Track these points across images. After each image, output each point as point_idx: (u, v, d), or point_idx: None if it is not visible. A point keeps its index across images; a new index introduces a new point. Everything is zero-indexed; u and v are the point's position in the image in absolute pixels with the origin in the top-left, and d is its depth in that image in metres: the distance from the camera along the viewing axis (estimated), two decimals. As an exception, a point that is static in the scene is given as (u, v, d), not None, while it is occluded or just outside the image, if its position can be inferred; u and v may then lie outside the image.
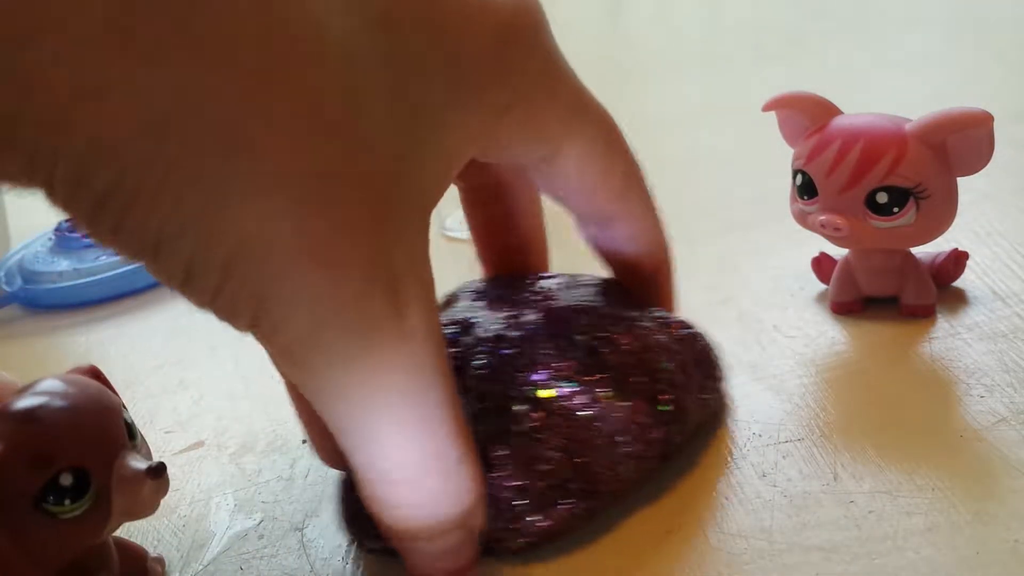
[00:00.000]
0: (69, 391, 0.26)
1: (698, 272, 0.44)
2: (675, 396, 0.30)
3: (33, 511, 0.24)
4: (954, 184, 0.33)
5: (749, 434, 0.31)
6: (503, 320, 0.31)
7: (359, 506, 0.27)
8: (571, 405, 0.28)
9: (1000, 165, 0.40)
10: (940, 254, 0.37)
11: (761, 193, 0.50)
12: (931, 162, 0.32)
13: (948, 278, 0.37)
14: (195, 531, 0.33)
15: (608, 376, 0.29)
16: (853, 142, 0.33)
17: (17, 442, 0.24)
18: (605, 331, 0.30)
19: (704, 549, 0.27)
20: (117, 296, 0.56)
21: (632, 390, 0.29)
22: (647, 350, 0.30)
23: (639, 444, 0.28)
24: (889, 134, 0.32)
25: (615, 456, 0.28)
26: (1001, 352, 0.33)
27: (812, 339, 0.36)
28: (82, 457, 0.25)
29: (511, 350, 0.29)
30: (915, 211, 0.33)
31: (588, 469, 0.28)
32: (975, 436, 0.29)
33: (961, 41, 0.71)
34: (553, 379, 0.29)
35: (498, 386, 0.28)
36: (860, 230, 0.33)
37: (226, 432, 0.39)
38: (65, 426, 0.25)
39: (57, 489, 0.24)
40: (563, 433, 0.28)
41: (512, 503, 0.27)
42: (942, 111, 0.32)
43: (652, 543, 0.28)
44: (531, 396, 0.28)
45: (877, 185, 0.32)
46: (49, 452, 0.24)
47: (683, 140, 0.64)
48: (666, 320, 0.32)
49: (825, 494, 0.28)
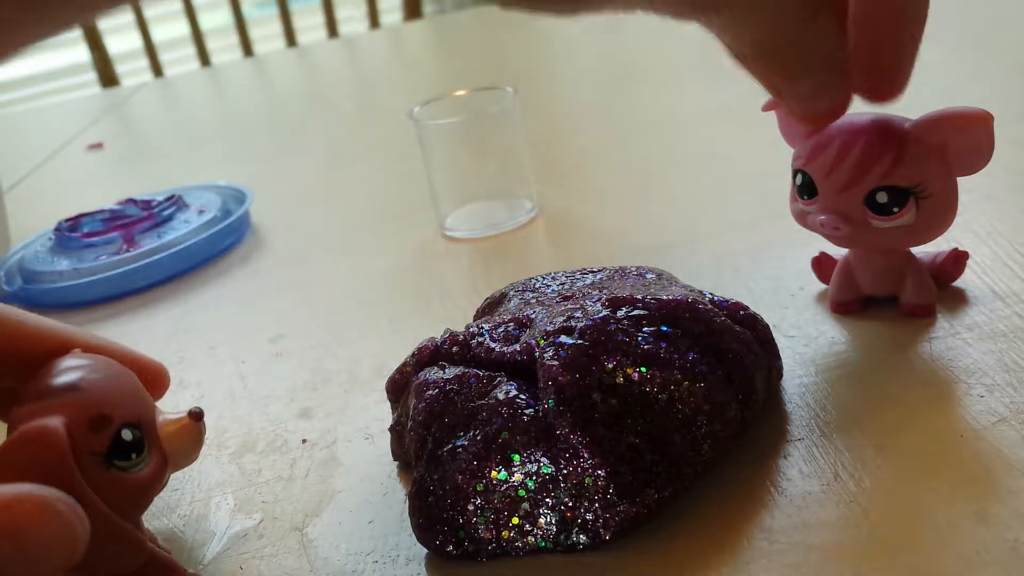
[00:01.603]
0: (89, 363, 0.27)
1: (698, 272, 0.44)
2: (745, 375, 0.30)
3: (107, 471, 0.25)
4: (954, 184, 0.33)
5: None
6: (564, 313, 0.31)
7: (434, 511, 0.28)
8: (648, 390, 0.29)
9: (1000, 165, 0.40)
10: (940, 254, 0.37)
11: (761, 194, 0.50)
12: (931, 162, 0.32)
13: (948, 278, 0.37)
14: (195, 531, 0.33)
15: (680, 359, 0.29)
16: (853, 142, 0.33)
17: (72, 411, 0.25)
18: (672, 315, 0.31)
19: (704, 548, 0.27)
20: (117, 296, 0.56)
21: (705, 371, 0.29)
22: (713, 332, 0.31)
23: (717, 423, 0.29)
24: (889, 134, 0.32)
25: (697, 437, 0.29)
26: (1001, 352, 0.33)
27: (812, 339, 0.36)
28: (133, 413, 0.26)
29: (581, 341, 0.29)
30: (915, 211, 0.33)
31: (672, 452, 0.28)
32: (975, 436, 0.29)
33: (961, 41, 0.71)
34: (628, 365, 0.29)
35: (574, 376, 0.29)
36: (860, 230, 0.33)
37: (226, 432, 0.39)
38: (108, 388, 0.26)
39: (122, 445, 0.26)
40: (644, 418, 0.28)
41: (599, 491, 0.27)
42: (942, 110, 0.32)
43: (651, 542, 0.28)
44: (608, 384, 0.29)
45: (877, 185, 0.32)
46: (105, 412, 0.25)
47: (684, 141, 0.64)
48: (724, 302, 0.33)
49: (825, 494, 0.28)
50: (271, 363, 0.44)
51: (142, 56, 1.49)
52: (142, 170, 0.90)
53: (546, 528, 0.28)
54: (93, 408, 0.25)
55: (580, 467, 0.27)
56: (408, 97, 0.85)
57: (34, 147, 1.07)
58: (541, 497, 0.28)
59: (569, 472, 0.27)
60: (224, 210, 0.63)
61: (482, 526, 0.28)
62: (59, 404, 0.25)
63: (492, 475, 0.28)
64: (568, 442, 0.28)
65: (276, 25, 1.49)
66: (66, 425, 0.24)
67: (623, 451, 0.28)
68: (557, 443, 0.28)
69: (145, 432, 0.27)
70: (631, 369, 0.29)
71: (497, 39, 1.11)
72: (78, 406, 0.25)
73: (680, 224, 0.50)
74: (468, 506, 0.28)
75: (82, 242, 0.61)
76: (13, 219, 0.72)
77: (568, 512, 0.27)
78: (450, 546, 0.28)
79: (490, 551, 0.28)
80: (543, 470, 0.28)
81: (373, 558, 0.29)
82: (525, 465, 0.28)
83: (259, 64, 1.34)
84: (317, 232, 0.62)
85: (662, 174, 0.59)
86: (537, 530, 0.28)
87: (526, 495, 0.28)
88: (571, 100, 0.84)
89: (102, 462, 0.25)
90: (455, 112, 0.55)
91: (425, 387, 0.31)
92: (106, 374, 0.27)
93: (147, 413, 0.27)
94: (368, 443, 0.36)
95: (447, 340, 0.33)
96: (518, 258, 0.51)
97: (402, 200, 0.63)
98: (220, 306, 0.52)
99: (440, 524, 0.28)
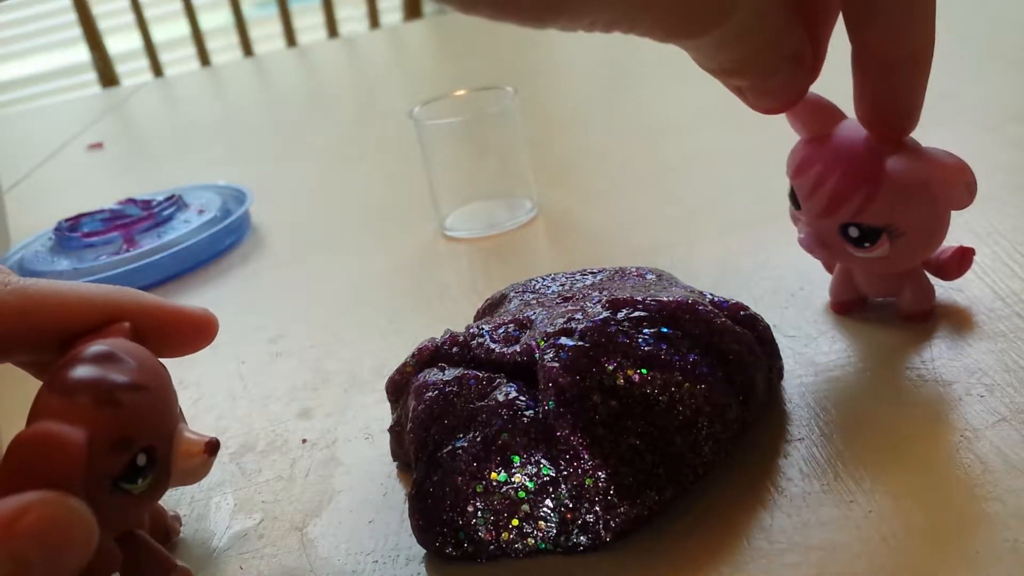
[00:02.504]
0: (135, 365, 0.26)
1: (699, 272, 0.44)
2: (746, 376, 0.30)
3: (112, 490, 0.25)
4: (938, 214, 0.32)
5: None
6: (565, 314, 0.31)
7: (434, 513, 0.28)
8: (649, 392, 0.29)
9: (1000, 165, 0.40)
10: (945, 250, 0.36)
11: (762, 194, 0.50)
12: (906, 201, 0.31)
13: (953, 274, 0.36)
14: (195, 531, 0.33)
15: (681, 360, 0.29)
16: (830, 172, 0.32)
17: (99, 427, 0.24)
18: (673, 317, 0.31)
19: (704, 548, 0.27)
20: (117, 296, 0.56)
21: (705, 373, 0.29)
22: (714, 333, 0.31)
23: (718, 425, 0.29)
24: (865, 170, 0.31)
25: (698, 439, 0.29)
26: (1001, 352, 0.33)
27: (812, 339, 0.36)
28: (154, 436, 0.26)
29: (581, 342, 0.29)
30: (888, 245, 0.32)
31: (673, 454, 0.28)
32: (975, 435, 0.29)
33: (962, 41, 0.71)
34: (628, 366, 0.29)
35: (574, 377, 0.29)
36: (837, 255, 0.33)
37: (226, 432, 0.39)
38: (142, 408, 0.25)
39: (133, 469, 0.25)
40: (645, 419, 0.28)
41: (600, 492, 0.27)
42: (919, 155, 0.31)
43: (650, 542, 0.28)
44: (609, 385, 0.29)
45: (848, 221, 0.32)
46: (129, 436, 0.25)
47: (685, 142, 0.64)
48: (724, 302, 0.33)
49: (825, 494, 0.28)
50: (271, 363, 0.44)
51: (142, 56, 1.49)
52: (142, 170, 0.90)
53: (546, 530, 0.28)
54: (122, 431, 0.25)
55: (580, 468, 0.27)
56: (408, 97, 0.85)
57: (34, 147, 1.07)
58: (541, 499, 0.28)
59: (569, 473, 0.27)
60: (224, 210, 0.63)
61: (482, 528, 0.28)
62: (91, 415, 0.24)
63: (492, 476, 0.28)
64: (568, 443, 0.28)
65: (276, 25, 1.49)
66: (89, 441, 0.23)
67: (624, 452, 0.28)
68: (557, 444, 0.28)
69: (159, 455, 0.26)
70: (632, 371, 0.29)
71: (497, 39, 1.11)
72: (108, 424, 0.24)
73: (680, 224, 0.50)
74: (468, 507, 0.28)
75: (82, 242, 0.61)
76: (13, 219, 0.72)
77: (568, 513, 0.27)
78: (450, 547, 0.28)
79: (490, 552, 0.28)
80: (543, 471, 0.28)
81: (373, 558, 0.29)
82: (525, 467, 0.28)
83: (259, 64, 1.34)
84: (317, 232, 0.62)
85: (662, 174, 0.59)
86: (537, 532, 0.28)
87: (526, 496, 0.28)
88: (571, 100, 0.84)
89: (109, 485, 0.25)
90: (455, 112, 0.55)
91: (424, 389, 0.31)
92: (149, 388, 0.26)
93: (170, 430, 0.27)
94: (368, 443, 0.36)
95: (447, 340, 0.33)
96: (518, 258, 0.51)
97: (402, 200, 0.63)
98: (220, 306, 0.52)
99: (440, 525, 0.28)
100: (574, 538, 0.27)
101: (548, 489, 0.28)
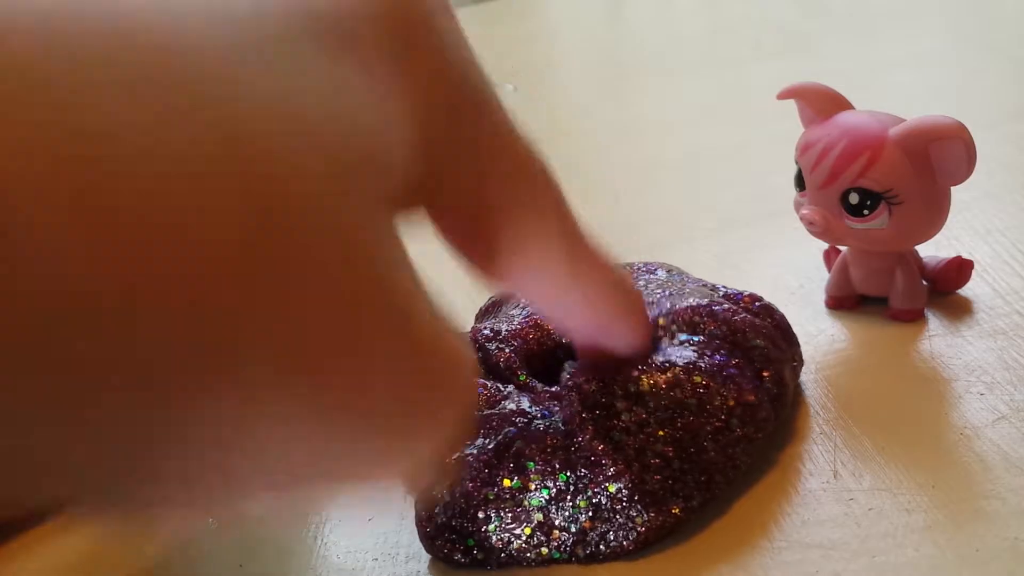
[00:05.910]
0: None
1: (698, 270, 0.43)
2: (774, 371, 0.30)
3: None
4: (937, 192, 0.33)
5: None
6: None
7: (442, 520, 0.28)
8: (676, 396, 0.28)
9: (1000, 163, 0.40)
10: (943, 260, 0.37)
11: (761, 191, 0.50)
12: (906, 168, 0.32)
13: (951, 285, 0.36)
14: (195, 530, 0.33)
15: (708, 363, 0.28)
16: (836, 141, 0.33)
17: None
18: (690, 324, 0.30)
19: (704, 548, 0.27)
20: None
21: (734, 374, 0.28)
22: (736, 331, 0.30)
23: (751, 426, 0.28)
24: (869, 137, 0.32)
25: (729, 442, 0.28)
26: (1001, 349, 0.33)
27: (811, 336, 0.36)
28: None
29: None
30: (887, 215, 0.33)
31: (703, 460, 0.27)
32: (975, 433, 0.29)
33: (962, 39, 0.71)
34: (654, 371, 0.28)
35: (596, 385, 0.28)
36: (835, 227, 0.34)
37: (226, 430, 0.39)
38: None
39: None
40: (672, 426, 0.27)
41: (622, 501, 0.26)
42: (920, 118, 0.32)
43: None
44: (633, 391, 0.28)
45: (849, 186, 0.33)
46: None
47: (683, 139, 0.64)
48: (738, 295, 0.32)
49: (825, 491, 0.28)
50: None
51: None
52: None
53: (561, 539, 0.27)
54: None
55: (602, 475, 0.27)
56: (408, 96, 0.85)
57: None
58: (557, 507, 0.27)
59: (590, 481, 0.27)
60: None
61: (493, 535, 0.27)
62: None
63: (504, 483, 0.27)
64: (590, 450, 0.27)
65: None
66: None
67: (648, 460, 0.27)
68: (577, 452, 0.27)
69: None
70: (659, 375, 0.28)
71: (497, 37, 1.11)
72: None
73: (679, 222, 0.50)
74: (478, 515, 0.27)
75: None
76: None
77: (587, 523, 0.27)
78: (459, 555, 0.27)
79: (501, 561, 0.27)
80: (560, 479, 0.27)
81: (373, 556, 0.29)
82: (541, 474, 0.27)
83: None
84: (317, 231, 0.62)
85: (661, 171, 0.59)
86: (552, 541, 0.27)
87: (540, 504, 0.27)
88: (571, 98, 0.84)
89: None
90: (455, 111, 0.55)
91: None
92: None
93: None
94: (368, 441, 0.36)
95: None
96: (518, 256, 0.51)
97: (402, 199, 0.63)
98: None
99: (449, 532, 0.28)
100: (592, 548, 0.27)
101: (565, 497, 0.27)
